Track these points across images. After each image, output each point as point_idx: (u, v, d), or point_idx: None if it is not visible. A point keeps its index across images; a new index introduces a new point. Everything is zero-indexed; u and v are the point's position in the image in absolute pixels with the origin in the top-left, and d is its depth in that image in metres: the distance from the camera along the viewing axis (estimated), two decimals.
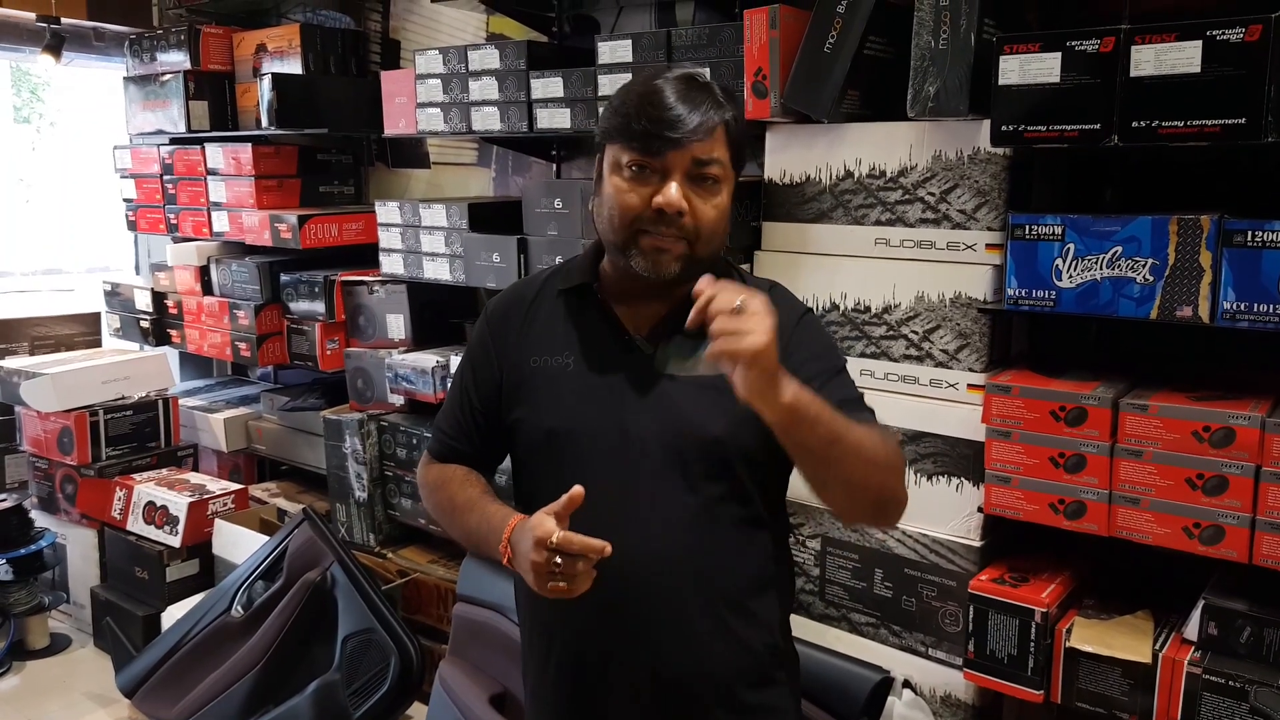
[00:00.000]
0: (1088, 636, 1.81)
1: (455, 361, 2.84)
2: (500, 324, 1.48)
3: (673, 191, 1.28)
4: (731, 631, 1.37)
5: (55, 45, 3.61)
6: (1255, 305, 1.62)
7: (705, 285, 1.15)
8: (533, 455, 1.44)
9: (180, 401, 3.75)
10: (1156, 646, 1.77)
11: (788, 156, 2.14)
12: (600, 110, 2.50)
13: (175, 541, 3.21)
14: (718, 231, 1.34)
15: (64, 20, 3.62)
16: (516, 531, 1.28)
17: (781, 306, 1.37)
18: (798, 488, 1.36)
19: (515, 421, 1.43)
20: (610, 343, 1.40)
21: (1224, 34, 1.56)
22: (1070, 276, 1.78)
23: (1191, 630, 1.76)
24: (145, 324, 3.89)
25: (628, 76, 2.42)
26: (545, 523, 1.21)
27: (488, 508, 1.39)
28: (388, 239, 3.05)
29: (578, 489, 1.22)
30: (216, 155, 3.55)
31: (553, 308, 1.45)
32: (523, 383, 1.42)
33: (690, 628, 1.35)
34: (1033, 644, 1.84)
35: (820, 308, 2.09)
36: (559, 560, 1.19)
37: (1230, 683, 1.67)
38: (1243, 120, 1.56)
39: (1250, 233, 1.61)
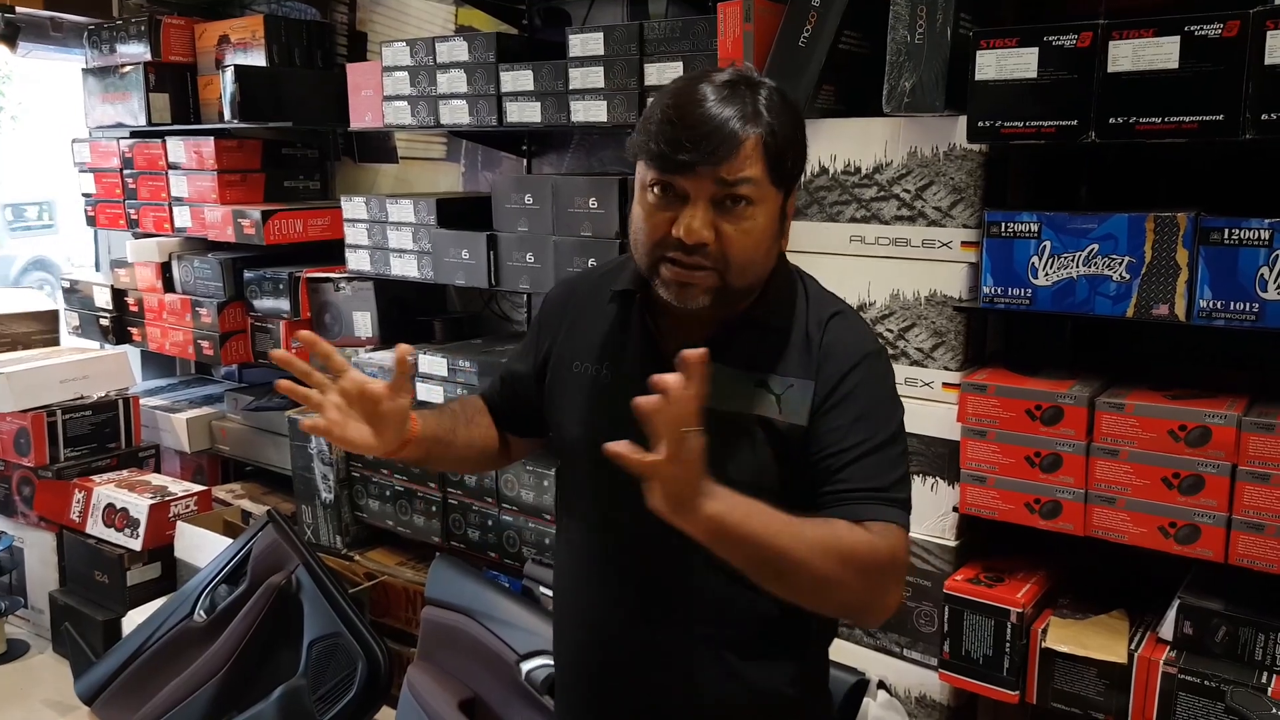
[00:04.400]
0: (1063, 636, 1.80)
1: (423, 360, 2.80)
2: (553, 317, 1.42)
3: (692, 222, 1.15)
4: (735, 675, 1.29)
5: (10, 35, 3.52)
6: (1231, 303, 1.61)
7: (689, 357, 1.04)
8: (563, 459, 1.41)
9: (141, 401, 3.67)
10: (1132, 646, 1.76)
11: None
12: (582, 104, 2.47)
13: (136, 544, 3.14)
14: (754, 259, 1.20)
15: (19, 9, 3.52)
16: None
17: (844, 339, 1.27)
18: None
19: (554, 423, 1.39)
20: (647, 360, 1.28)
21: (1202, 30, 1.55)
22: (1046, 274, 1.77)
23: (1167, 630, 1.75)
24: (105, 322, 3.81)
25: (599, 70, 2.39)
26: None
27: None
28: (354, 235, 3.00)
29: (403, 350, 1.23)
30: (178, 149, 3.48)
31: (602, 310, 1.36)
32: (562, 386, 1.37)
33: (688, 663, 1.28)
34: (1008, 644, 1.83)
35: None
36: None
37: (1206, 682, 1.66)
38: (1220, 117, 1.55)
39: (1227, 230, 1.60)
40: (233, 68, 3.17)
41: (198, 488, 3.34)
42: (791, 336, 1.27)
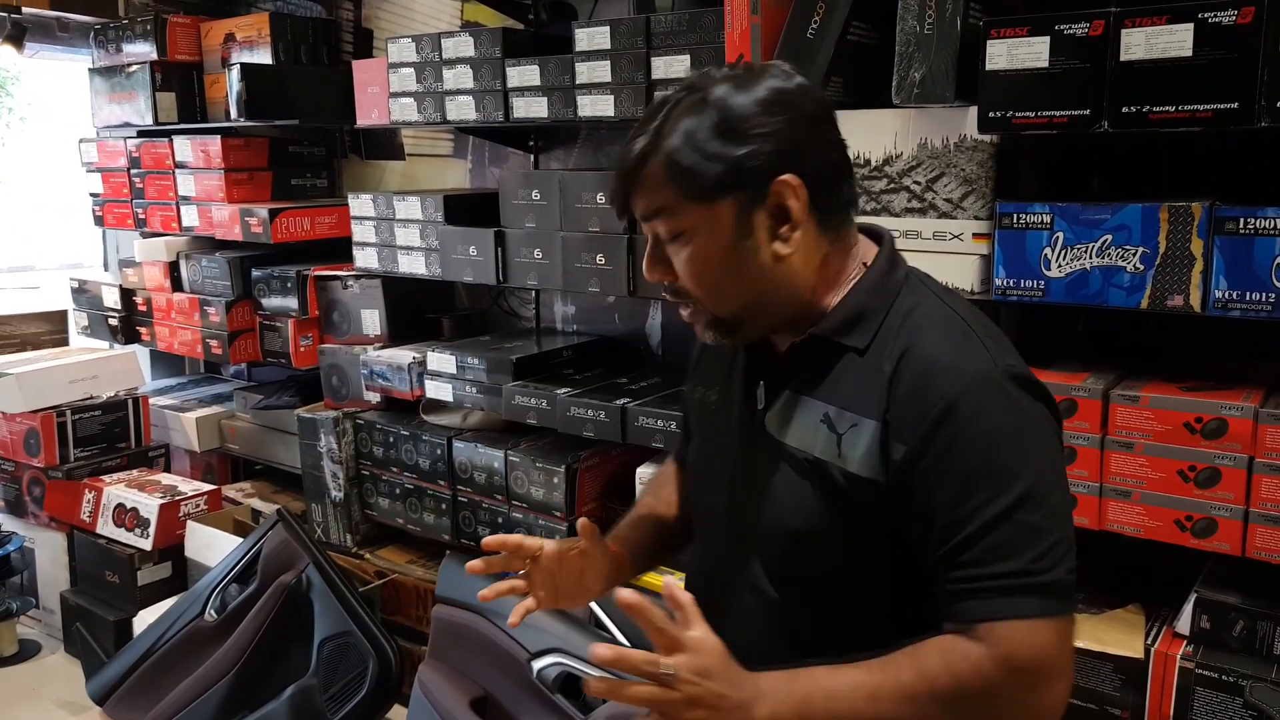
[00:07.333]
0: (1078, 631, 1.78)
1: (431, 357, 2.79)
2: (696, 353, 1.42)
3: (643, 266, 1.16)
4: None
5: (17, 36, 3.51)
6: (1247, 294, 1.59)
7: (626, 599, 1.00)
8: None
9: (150, 400, 3.67)
10: (1148, 641, 1.74)
11: None
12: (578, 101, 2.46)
13: (146, 544, 3.14)
14: (718, 284, 1.09)
15: (25, 10, 3.52)
16: None
17: (930, 364, 1.03)
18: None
19: None
20: (738, 381, 1.24)
21: (1216, 16, 1.52)
22: (1059, 266, 1.75)
23: (1183, 624, 1.74)
24: (114, 322, 3.81)
25: (605, 64, 2.37)
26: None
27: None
28: (362, 232, 2.99)
29: (584, 523, 1.31)
30: (185, 148, 3.47)
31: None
32: (690, 412, 1.41)
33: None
34: None
35: None
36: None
37: (1224, 677, 1.64)
38: (1235, 104, 1.53)
39: (1242, 220, 1.58)
40: (239, 66, 3.17)
41: (208, 487, 3.34)
42: (868, 359, 1.08)
